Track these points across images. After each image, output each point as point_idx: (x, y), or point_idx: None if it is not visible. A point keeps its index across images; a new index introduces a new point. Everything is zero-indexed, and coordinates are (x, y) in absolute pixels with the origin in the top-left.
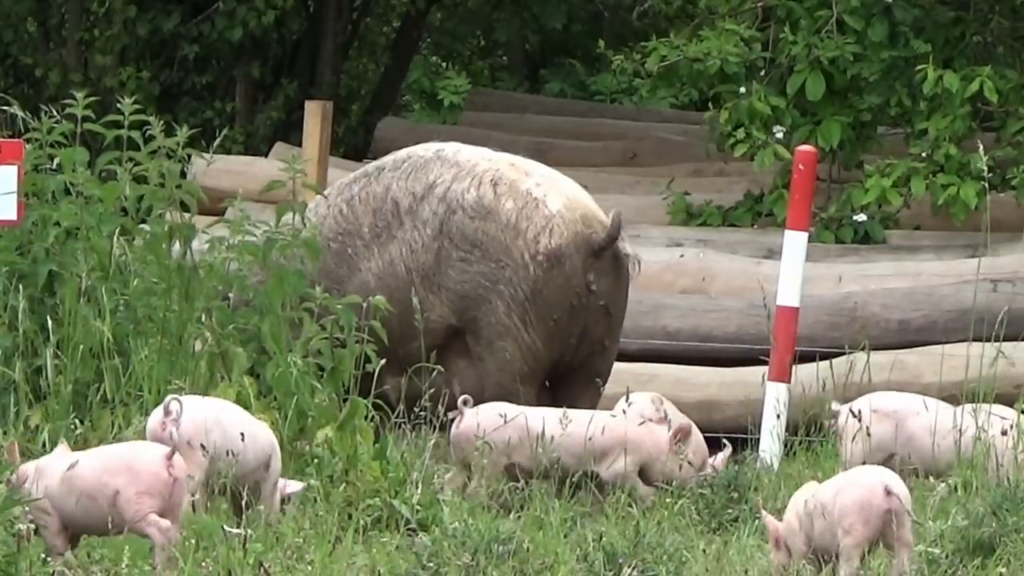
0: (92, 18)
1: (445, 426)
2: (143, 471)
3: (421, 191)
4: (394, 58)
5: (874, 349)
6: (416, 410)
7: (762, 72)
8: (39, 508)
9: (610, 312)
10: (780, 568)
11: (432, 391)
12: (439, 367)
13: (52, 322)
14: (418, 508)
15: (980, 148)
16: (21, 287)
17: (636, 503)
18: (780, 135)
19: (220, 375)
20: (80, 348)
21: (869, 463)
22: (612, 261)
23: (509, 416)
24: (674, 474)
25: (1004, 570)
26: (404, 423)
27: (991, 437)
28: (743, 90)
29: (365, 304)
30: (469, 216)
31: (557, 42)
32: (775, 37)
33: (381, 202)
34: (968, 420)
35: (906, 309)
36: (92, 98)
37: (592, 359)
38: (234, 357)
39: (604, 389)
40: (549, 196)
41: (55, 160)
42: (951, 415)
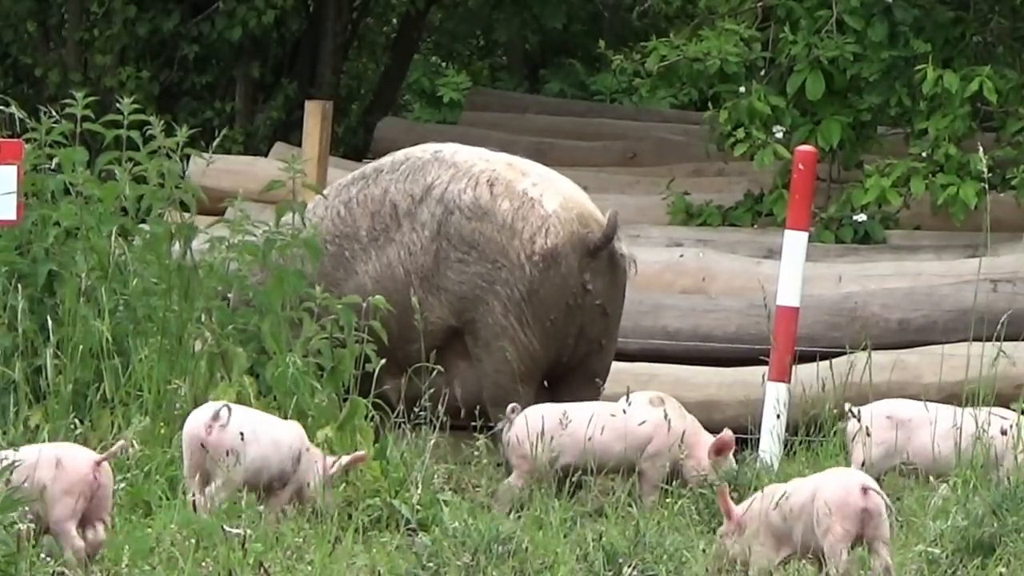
0: (92, 18)
1: (445, 427)
2: (70, 471)
3: (419, 193)
4: (394, 58)
5: (874, 349)
6: (416, 410)
7: (762, 72)
8: None
9: (607, 312)
10: (734, 556)
11: (432, 391)
12: (439, 367)
13: (52, 322)
14: (418, 508)
15: (980, 149)
16: (21, 287)
17: (636, 503)
18: (780, 135)
19: (220, 375)
20: (80, 348)
21: (882, 469)
22: (608, 261)
23: (555, 417)
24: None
25: (1004, 570)
26: (404, 423)
27: (991, 438)
28: (743, 90)
29: (365, 304)
30: (466, 217)
31: (557, 42)
32: (775, 37)
33: (379, 205)
34: (976, 423)
35: (906, 309)
36: (92, 98)
37: (590, 359)
38: (234, 357)
39: (604, 389)
40: (545, 196)
41: (55, 160)
42: (965, 421)
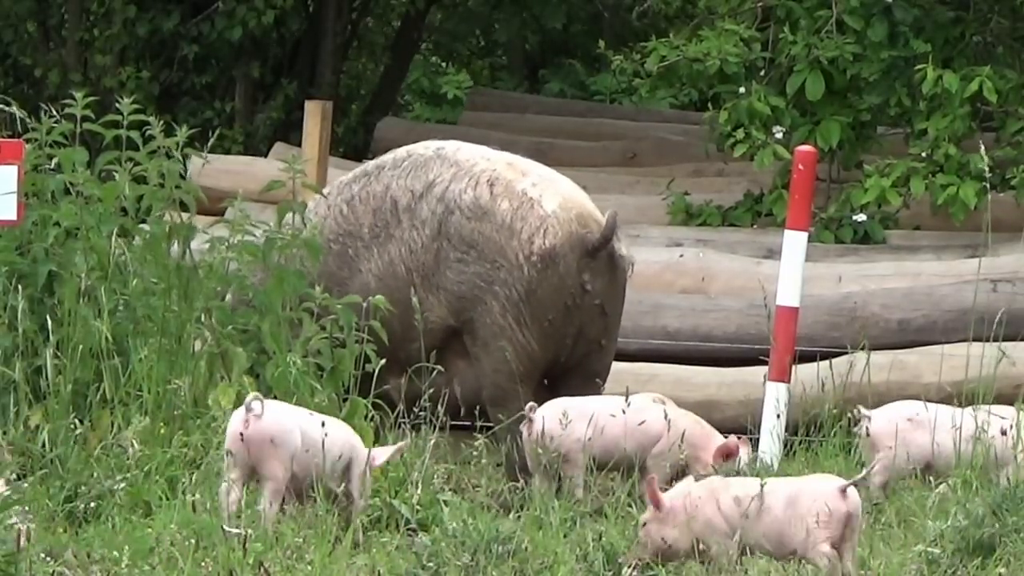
0: (92, 18)
1: (445, 427)
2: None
3: (420, 189)
4: (394, 58)
5: (874, 349)
6: (416, 410)
7: (762, 72)
8: None
9: (606, 312)
10: (656, 545)
11: (432, 391)
12: (439, 367)
13: (52, 322)
14: (418, 508)
15: (982, 148)
16: (21, 287)
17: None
18: (780, 135)
19: (220, 375)
20: (80, 348)
21: (905, 471)
22: (607, 261)
23: (575, 412)
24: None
25: (1004, 570)
26: (404, 423)
27: (991, 438)
28: (743, 90)
29: (365, 304)
30: (466, 217)
31: (557, 42)
32: (775, 37)
33: (381, 201)
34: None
35: (906, 309)
36: (92, 98)
37: (589, 359)
38: (234, 357)
39: (604, 389)
40: (545, 196)
41: (55, 160)
42: (980, 422)
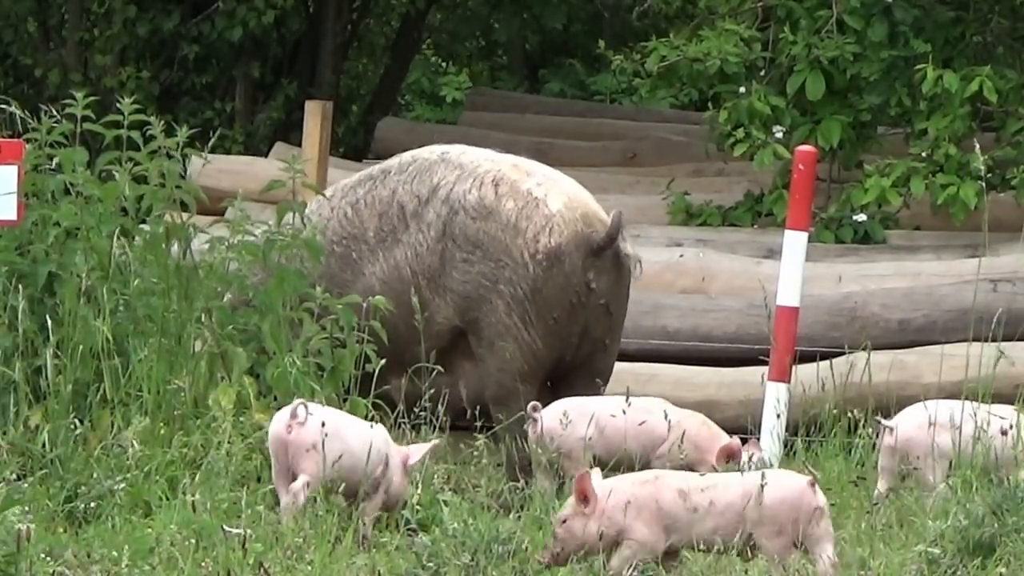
0: (92, 18)
1: (445, 427)
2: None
3: (426, 194)
4: (394, 58)
5: (874, 349)
6: (416, 410)
7: (762, 72)
8: None
9: (611, 311)
10: (580, 541)
11: (432, 391)
12: (439, 367)
13: (52, 322)
14: (418, 508)
15: (977, 148)
16: (21, 287)
17: None
18: (780, 135)
19: (220, 375)
20: (80, 348)
21: (939, 474)
22: (612, 260)
23: (579, 412)
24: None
25: (1004, 570)
26: (404, 423)
27: (990, 438)
28: (743, 90)
29: (365, 304)
30: (471, 217)
31: (557, 42)
32: (775, 37)
33: (387, 206)
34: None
35: (906, 309)
36: (92, 98)
37: (593, 358)
38: (234, 357)
39: (605, 389)
40: (550, 195)
41: (55, 160)
42: (996, 419)
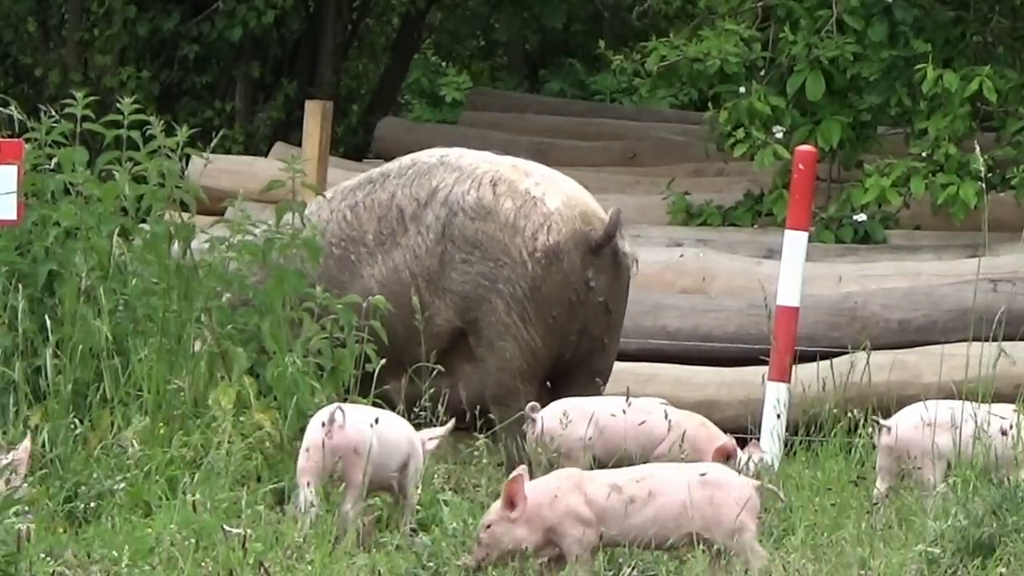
0: (92, 18)
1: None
2: None
3: (425, 197)
4: (394, 58)
5: (874, 349)
6: (416, 410)
7: (762, 72)
8: None
9: (610, 309)
10: (505, 546)
11: (432, 392)
12: (439, 367)
13: (52, 322)
14: (418, 508)
15: (977, 148)
16: (21, 287)
17: None
18: (780, 135)
19: (220, 375)
20: (80, 348)
21: (938, 474)
22: (611, 258)
23: (579, 412)
24: None
25: (1004, 570)
26: None
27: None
28: (743, 90)
29: (365, 305)
30: (470, 217)
31: (557, 42)
32: (775, 37)
33: (386, 209)
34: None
35: (906, 309)
36: (92, 98)
37: (592, 357)
38: (234, 357)
39: (604, 388)
40: (548, 194)
41: (55, 160)
42: (996, 419)
